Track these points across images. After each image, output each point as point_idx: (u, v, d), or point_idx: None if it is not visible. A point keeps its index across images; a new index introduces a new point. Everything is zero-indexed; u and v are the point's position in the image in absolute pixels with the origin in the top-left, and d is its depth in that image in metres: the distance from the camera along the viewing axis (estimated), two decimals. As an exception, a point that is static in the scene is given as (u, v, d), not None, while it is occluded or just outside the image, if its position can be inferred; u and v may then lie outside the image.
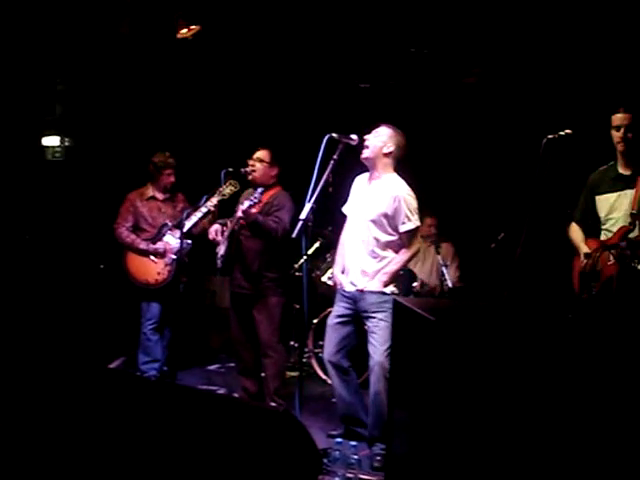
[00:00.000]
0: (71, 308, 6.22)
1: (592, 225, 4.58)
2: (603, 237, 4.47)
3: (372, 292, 4.49)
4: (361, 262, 4.57)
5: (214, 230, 5.22)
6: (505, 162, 6.48)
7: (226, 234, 5.17)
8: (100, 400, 2.39)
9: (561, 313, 4.04)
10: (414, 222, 4.50)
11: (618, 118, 4.30)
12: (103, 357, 6.04)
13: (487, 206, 6.71)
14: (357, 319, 4.63)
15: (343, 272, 4.72)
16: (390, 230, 4.52)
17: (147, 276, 5.76)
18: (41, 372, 2.57)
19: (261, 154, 5.29)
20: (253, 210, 4.95)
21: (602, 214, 4.47)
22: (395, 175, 4.61)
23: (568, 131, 4.34)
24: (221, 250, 5.21)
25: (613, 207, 4.38)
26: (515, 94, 6.36)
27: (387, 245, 4.55)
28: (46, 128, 7.02)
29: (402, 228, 4.49)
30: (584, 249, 4.48)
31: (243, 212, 4.91)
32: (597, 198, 4.51)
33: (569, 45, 5.75)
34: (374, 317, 4.44)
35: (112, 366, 6.14)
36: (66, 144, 7.14)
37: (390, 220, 4.49)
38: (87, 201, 6.76)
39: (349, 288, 4.61)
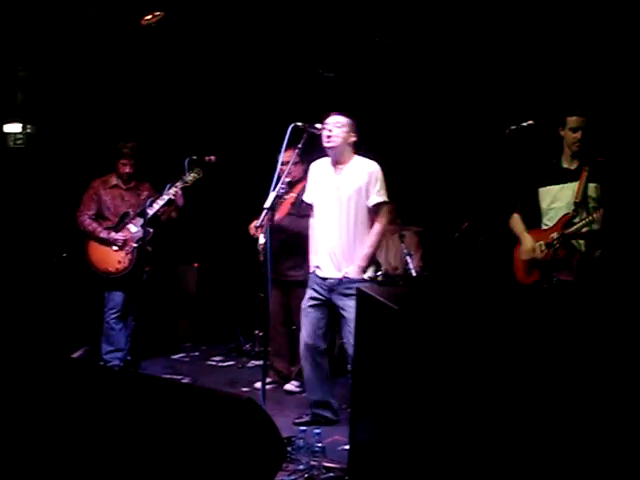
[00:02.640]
0: (33, 297, 6.16)
1: (532, 217, 4.84)
2: (544, 227, 4.73)
3: (351, 280, 4.50)
4: (338, 246, 4.58)
5: (253, 226, 5.46)
6: (468, 152, 6.53)
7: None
8: (63, 390, 2.38)
9: (521, 302, 4.11)
10: (385, 196, 4.58)
11: (575, 121, 4.54)
12: (66, 346, 5.99)
13: (450, 195, 6.76)
14: (330, 303, 4.65)
15: (320, 260, 4.70)
16: (369, 206, 4.59)
17: (108, 265, 5.74)
18: (3, 361, 2.55)
19: (286, 156, 5.35)
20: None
21: (544, 205, 4.75)
22: (359, 157, 4.66)
23: (530, 122, 4.48)
24: (261, 241, 5.44)
25: (556, 198, 4.68)
26: (479, 84, 6.40)
27: (365, 225, 4.59)
28: (8, 115, 6.91)
29: (376, 199, 4.55)
30: (527, 239, 4.75)
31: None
32: (540, 190, 4.79)
33: (530, 39, 5.81)
34: (351, 306, 4.44)
35: (75, 355, 6.11)
36: (28, 131, 7.05)
37: (367, 194, 4.56)
38: (49, 189, 6.68)
39: (327, 274, 4.62)
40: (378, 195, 4.56)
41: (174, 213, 5.76)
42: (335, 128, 4.53)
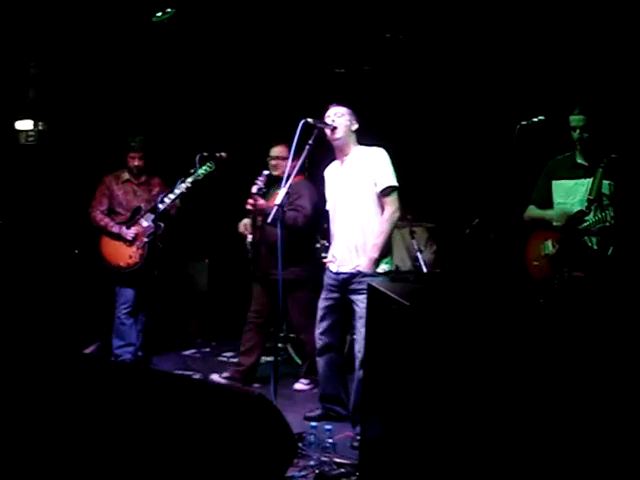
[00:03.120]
0: (46, 294, 6.19)
1: (546, 208, 4.78)
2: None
3: (364, 274, 4.44)
4: (350, 239, 4.53)
5: (243, 224, 5.49)
6: (479, 148, 6.52)
7: (251, 224, 5.40)
8: (75, 386, 2.40)
9: (532, 298, 4.11)
10: (394, 181, 4.46)
11: (574, 120, 4.54)
12: (78, 342, 6.02)
13: (461, 191, 6.74)
14: (345, 299, 4.60)
15: (334, 254, 4.67)
16: (378, 192, 4.49)
17: (119, 259, 5.77)
18: (16, 358, 2.56)
19: (278, 150, 5.35)
20: (261, 201, 5.02)
21: (558, 199, 4.69)
22: (363, 146, 4.62)
23: (541, 117, 4.46)
24: (249, 239, 5.46)
25: (569, 193, 4.62)
26: (490, 80, 6.38)
27: (378, 215, 4.50)
28: (19, 112, 6.94)
29: (383, 183, 4.43)
30: (551, 213, 4.67)
31: (252, 204, 5.01)
32: (554, 183, 4.73)
33: (540, 36, 5.79)
34: (363, 302, 4.42)
35: (87, 351, 6.13)
36: (39, 128, 7.08)
37: (375, 181, 4.47)
38: (61, 185, 6.71)
39: (340, 269, 4.57)
40: (385, 179, 4.44)
41: (179, 204, 5.80)
42: (337, 118, 4.53)
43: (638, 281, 3.97)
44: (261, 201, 5.01)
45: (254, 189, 4.99)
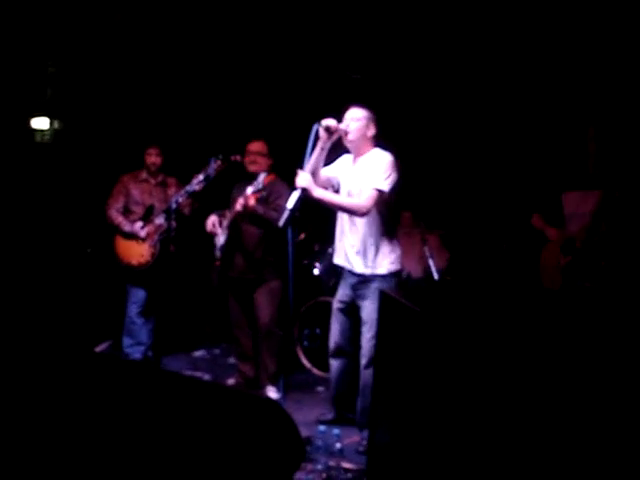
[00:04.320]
0: (58, 292, 6.22)
1: (555, 221, 4.83)
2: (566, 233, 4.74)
3: (374, 275, 4.44)
4: (355, 241, 4.51)
5: (211, 222, 5.33)
6: (493, 156, 6.51)
7: (226, 224, 5.23)
8: (85, 383, 2.41)
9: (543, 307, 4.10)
10: (383, 185, 4.33)
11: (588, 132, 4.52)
12: (90, 340, 6.05)
13: (473, 199, 6.74)
14: (354, 303, 4.59)
15: (344, 256, 4.63)
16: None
17: (131, 258, 5.79)
18: (27, 355, 2.57)
19: (258, 145, 5.32)
20: (252, 200, 4.97)
21: (567, 210, 4.74)
22: (378, 149, 4.56)
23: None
24: (220, 240, 5.30)
25: (579, 205, 4.68)
26: (503, 89, 6.38)
27: (382, 219, 4.46)
28: (35, 110, 6.99)
29: (372, 183, 4.33)
30: (552, 230, 4.79)
31: (244, 205, 4.94)
32: (564, 195, 4.77)
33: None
34: (368, 306, 4.42)
35: (98, 349, 6.16)
36: (55, 127, 7.13)
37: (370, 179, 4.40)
38: (75, 184, 6.75)
39: (356, 270, 4.55)
40: (377, 181, 4.33)
41: (196, 204, 5.81)
42: (352, 122, 4.50)
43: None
44: (252, 202, 4.97)
45: (250, 190, 4.95)
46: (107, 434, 2.26)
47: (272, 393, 5.25)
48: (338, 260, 4.68)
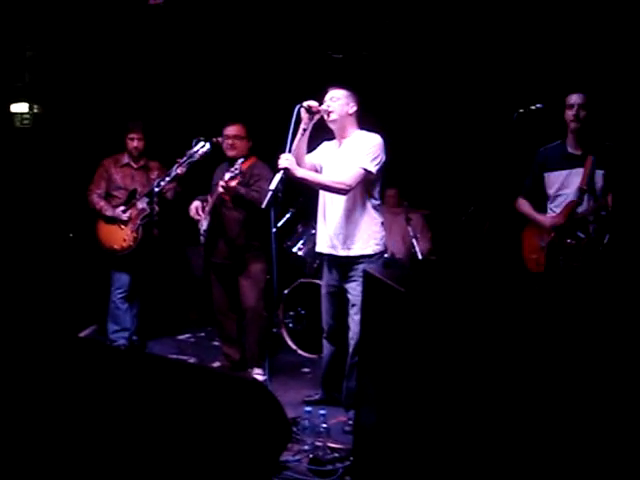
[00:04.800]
0: (41, 277, 6.18)
1: (537, 201, 4.81)
2: (550, 213, 4.71)
3: (360, 256, 4.46)
4: (338, 223, 4.50)
5: (194, 207, 5.31)
6: (476, 135, 6.51)
7: (208, 209, 5.21)
8: (70, 369, 2.40)
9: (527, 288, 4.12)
10: (369, 165, 4.36)
11: (572, 97, 4.55)
12: (74, 325, 6.03)
13: (457, 178, 6.74)
14: (341, 286, 4.61)
15: (328, 239, 4.62)
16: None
17: (113, 242, 5.75)
18: (11, 342, 2.56)
19: (235, 129, 5.27)
20: (234, 183, 4.95)
21: (551, 191, 4.73)
22: (363, 131, 4.57)
23: (539, 105, 4.47)
24: (203, 225, 5.28)
25: (564, 184, 4.63)
26: (488, 67, 6.37)
27: (366, 201, 4.48)
28: (15, 95, 6.91)
29: (358, 162, 4.36)
30: (542, 218, 4.73)
31: (224, 187, 4.92)
32: (546, 175, 4.73)
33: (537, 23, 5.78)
34: (356, 287, 4.42)
35: (83, 334, 6.14)
36: (35, 111, 7.05)
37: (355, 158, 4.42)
38: (56, 169, 6.69)
39: (330, 253, 4.58)
40: (364, 160, 4.35)
41: (179, 188, 5.78)
42: (332, 102, 4.49)
43: (634, 269, 3.98)
44: (233, 182, 4.93)
45: (228, 175, 4.91)
46: (93, 418, 2.26)
47: (258, 375, 5.24)
48: (321, 247, 4.68)
